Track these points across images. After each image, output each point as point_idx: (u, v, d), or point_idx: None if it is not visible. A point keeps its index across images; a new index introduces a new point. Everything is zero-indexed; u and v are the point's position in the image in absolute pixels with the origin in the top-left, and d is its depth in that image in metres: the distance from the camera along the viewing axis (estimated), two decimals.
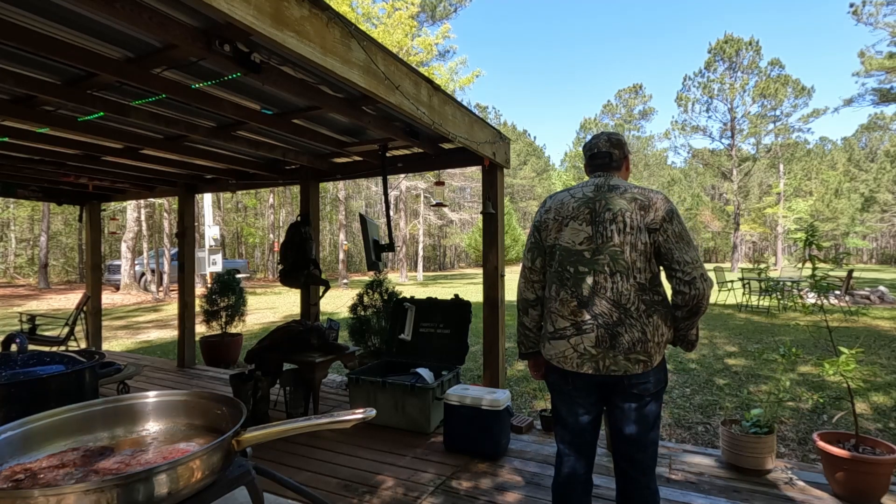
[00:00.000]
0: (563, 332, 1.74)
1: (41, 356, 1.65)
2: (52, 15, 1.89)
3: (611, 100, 49.16)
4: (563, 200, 1.82)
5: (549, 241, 1.80)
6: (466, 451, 3.11)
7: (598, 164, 1.91)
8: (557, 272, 1.76)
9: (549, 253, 1.81)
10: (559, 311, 1.75)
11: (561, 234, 1.78)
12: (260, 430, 0.98)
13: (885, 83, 26.95)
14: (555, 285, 1.76)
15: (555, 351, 1.77)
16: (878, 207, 39.48)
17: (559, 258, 1.76)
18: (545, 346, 1.82)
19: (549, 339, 1.79)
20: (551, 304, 1.78)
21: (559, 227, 1.78)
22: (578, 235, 1.74)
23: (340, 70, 2.06)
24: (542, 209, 1.88)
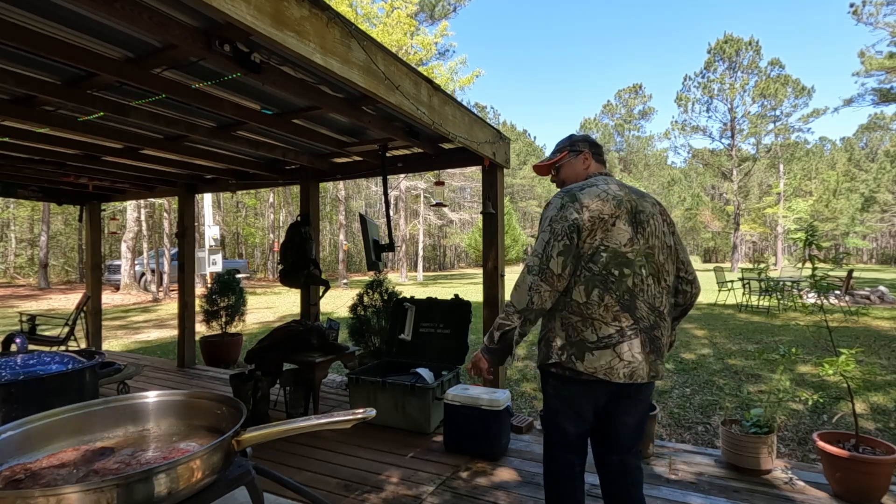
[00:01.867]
0: (607, 341, 1.61)
1: (41, 356, 1.65)
2: (52, 15, 1.89)
3: (610, 100, 49.23)
4: (601, 198, 1.67)
5: (594, 242, 1.63)
6: (466, 451, 3.11)
7: (603, 161, 1.90)
8: (601, 275, 1.61)
9: (590, 256, 1.62)
10: (602, 316, 1.61)
11: (608, 234, 1.63)
12: (260, 430, 0.98)
13: (885, 83, 26.96)
14: (597, 289, 1.61)
15: (599, 363, 1.61)
16: (878, 207, 39.50)
17: (605, 261, 1.62)
18: (584, 357, 1.62)
19: (592, 350, 1.62)
20: (591, 309, 1.61)
21: (605, 227, 1.63)
22: (623, 236, 1.65)
23: (340, 70, 2.06)
24: (572, 208, 1.65)
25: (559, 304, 1.67)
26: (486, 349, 1.72)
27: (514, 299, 1.65)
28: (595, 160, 1.87)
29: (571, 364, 1.64)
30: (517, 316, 1.64)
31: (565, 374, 1.68)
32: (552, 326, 1.71)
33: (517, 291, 1.64)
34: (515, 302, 1.64)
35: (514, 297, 1.65)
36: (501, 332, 1.66)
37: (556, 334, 1.68)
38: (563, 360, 1.65)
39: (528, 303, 1.62)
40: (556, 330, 1.68)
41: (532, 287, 1.61)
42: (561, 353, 1.66)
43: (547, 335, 1.73)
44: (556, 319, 1.68)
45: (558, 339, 1.67)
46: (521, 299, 1.63)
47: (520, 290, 1.64)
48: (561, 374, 1.69)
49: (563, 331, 1.66)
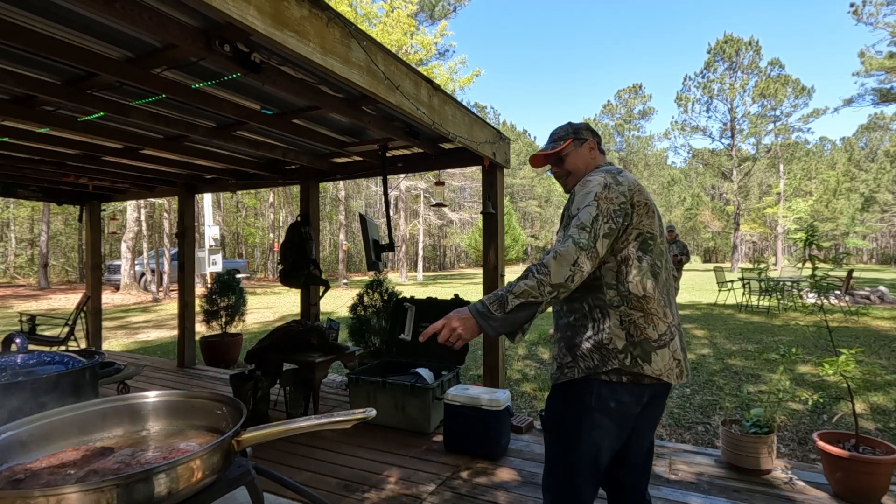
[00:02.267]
0: (664, 339, 1.47)
1: (41, 356, 1.65)
2: (52, 15, 1.89)
3: (610, 100, 49.26)
4: (637, 183, 1.54)
5: (642, 229, 1.49)
6: (466, 451, 3.11)
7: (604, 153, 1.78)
8: (652, 266, 1.48)
9: (640, 244, 1.48)
10: (657, 312, 1.47)
11: (652, 221, 1.51)
12: (260, 430, 0.98)
13: (885, 83, 26.98)
14: (650, 281, 1.47)
15: (663, 363, 1.46)
16: (878, 207, 39.51)
17: (655, 250, 1.50)
18: (650, 358, 1.45)
19: (656, 349, 1.45)
20: (651, 304, 1.46)
21: (649, 213, 1.51)
22: (657, 226, 1.54)
23: (340, 70, 2.06)
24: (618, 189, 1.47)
25: (612, 298, 1.47)
26: (482, 314, 1.35)
27: (551, 269, 1.33)
28: (598, 149, 1.74)
29: (637, 367, 1.43)
30: (550, 289, 1.33)
31: (622, 381, 1.45)
32: (604, 326, 1.46)
33: (558, 262, 1.34)
34: (554, 273, 1.33)
35: (552, 266, 1.34)
36: (524, 300, 1.33)
37: (614, 334, 1.45)
38: (628, 363, 1.43)
39: (567, 279, 1.34)
40: (614, 329, 1.45)
41: (578, 262, 1.35)
42: (624, 357, 1.44)
43: (595, 336, 1.47)
44: (609, 316, 1.46)
45: (617, 340, 1.44)
46: (561, 272, 1.34)
47: (562, 262, 1.34)
48: (616, 381, 1.45)
49: (622, 329, 1.45)
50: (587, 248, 1.37)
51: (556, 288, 1.34)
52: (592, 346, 1.47)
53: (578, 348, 1.49)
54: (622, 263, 1.47)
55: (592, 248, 1.38)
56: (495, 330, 1.36)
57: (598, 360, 1.46)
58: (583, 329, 1.49)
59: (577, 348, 1.50)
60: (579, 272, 1.35)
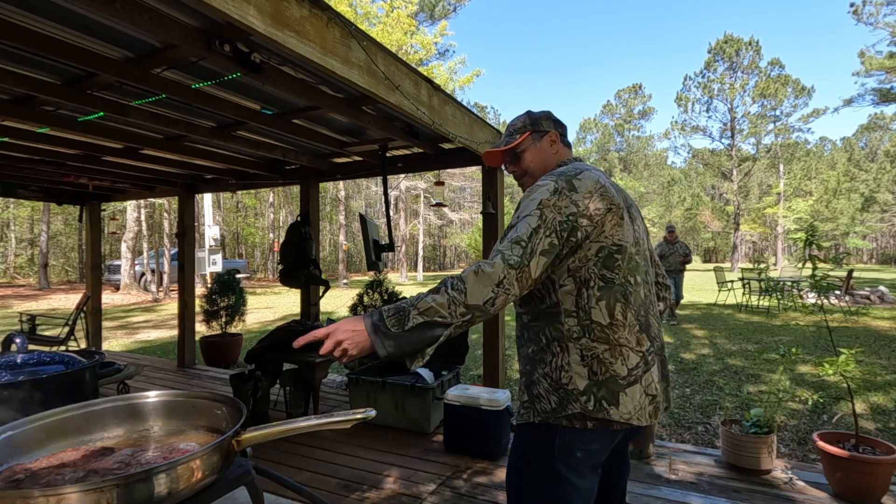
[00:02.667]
0: (635, 374, 1.23)
1: (41, 356, 1.65)
2: (52, 15, 1.89)
3: (610, 100, 49.25)
4: (602, 183, 1.27)
5: (606, 241, 1.23)
6: (466, 451, 3.11)
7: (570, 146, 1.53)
8: (622, 286, 1.24)
9: (603, 259, 1.23)
10: (628, 341, 1.23)
11: (621, 231, 1.25)
12: (260, 430, 0.98)
13: (885, 83, 26.99)
14: (619, 305, 1.23)
15: (633, 404, 1.21)
16: (878, 207, 39.51)
17: (623, 266, 1.25)
18: (619, 400, 1.20)
19: (625, 388, 1.21)
20: (618, 333, 1.22)
21: (615, 220, 1.25)
22: (630, 235, 1.28)
23: (340, 70, 2.06)
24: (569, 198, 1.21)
25: (571, 328, 1.23)
26: (376, 328, 1.10)
27: (469, 287, 1.10)
28: (562, 143, 1.48)
29: (603, 412, 1.19)
30: (463, 311, 1.09)
31: (587, 427, 1.21)
32: (563, 362, 1.23)
33: (479, 280, 1.10)
34: (471, 293, 1.10)
35: (470, 284, 1.10)
36: (428, 319, 1.09)
37: (574, 372, 1.22)
38: (591, 408, 1.20)
39: (486, 301, 1.10)
40: (573, 366, 1.22)
41: (503, 284, 1.11)
42: (587, 400, 1.20)
43: (551, 373, 1.25)
44: (569, 350, 1.23)
45: (578, 379, 1.21)
46: (480, 292, 1.10)
47: (484, 280, 1.11)
48: (580, 427, 1.21)
49: (584, 366, 1.21)
50: (518, 266, 1.13)
51: (470, 310, 1.10)
52: (550, 387, 1.24)
53: (535, 387, 1.27)
54: (582, 286, 1.23)
55: (524, 268, 1.14)
56: (388, 350, 1.10)
57: (555, 404, 1.23)
58: (541, 364, 1.27)
59: (534, 387, 1.28)
60: (503, 295, 1.12)
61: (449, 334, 1.11)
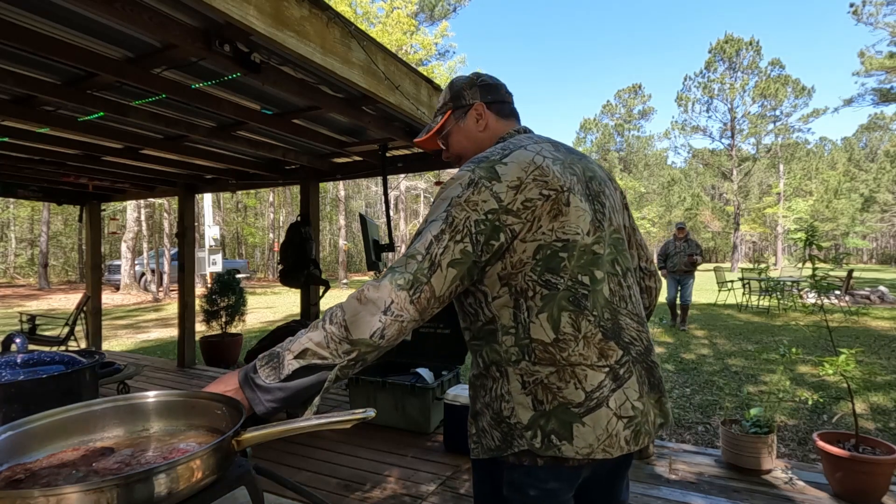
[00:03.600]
0: (597, 396, 0.96)
1: (41, 356, 1.65)
2: (52, 15, 1.89)
3: (610, 100, 49.22)
4: (537, 163, 1.00)
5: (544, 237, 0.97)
6: (466, 451, 3.09)
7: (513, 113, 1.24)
8: (569, 290, 0.98)
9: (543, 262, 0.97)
10: (584, 357, 0.97)
11: (564, 220, 0.98)
12: (260, 430, 0.98)
13: (885, 83, 27.00)
14: (566, 314, 0.97)
15: (596, 434, 0.95)
16: (878, 207, 39.53)
17: (569, 265, 0.98)
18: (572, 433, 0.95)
19: (581, 417, 0.95)
20: (567, 349, 0.96)
21: (556, 208, 0.98)
22: (583, 220, 1.01)
23: (340, 70, 2.06)
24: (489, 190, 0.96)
25: (509, 349, 0.99)
26: (249, 382, 0.91)
27: (349, 318, 0.88)
28: (496, 113, 1.18)
29: (553, 449, 0.94)
30: (348, 347, 0.88)
31: (537, 465, 0.97)
32: (503, 391, 1.00)
33: (364, 307, 0.89)
34: (353, 324, 0.88)
35: (349, 315, 0.88)
36: (305, 364, 0.88)
37: (516, 402, 0.98)
38: (538, 445, 0.95)
39: (374, 333, 0.88)
40: (514, 395, 0.98)
41: (391, 309, 0.88)
42: (532, 436, 0.96)
43: (492, 404, 1.02)
44: (508, 377, 0.99)
45: (521, 411, 0.97)
46: (365, 323, 0.88)
47: (368, 308, 0.88)
48: (530, 465, 0.98)
49: (526, 395, 0.97)
50: (411, 286, 0.90)
51: (356, 346, 0.88)
52: (492, 420, 1.01)
53: (480, 418, 1.05)
54: (520, 296, 0.98)
55: (420, 287, 0.90)
56: (266, 407, 0.90)
57: (499, 440, 1.00)
58: (482, 392, 1.05)
59: (479, 418, 1.06)
60: (395, 324, 0.88)
61: (336, 377, 0.90)
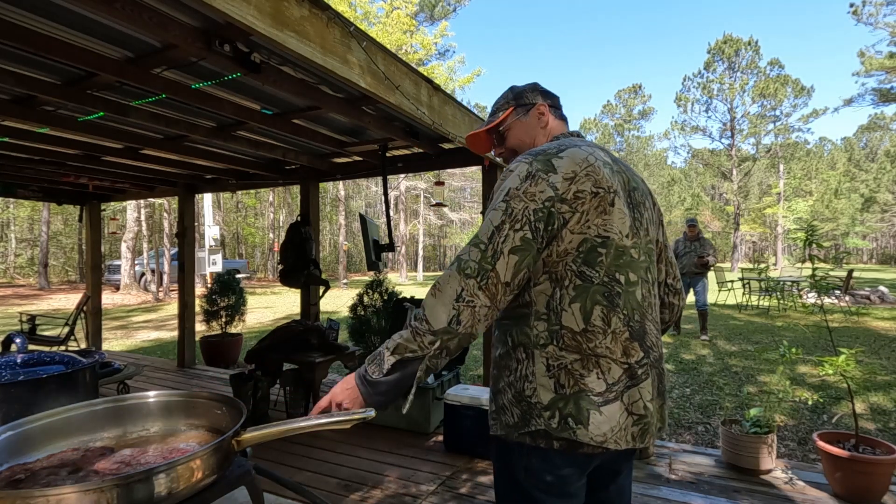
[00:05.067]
0: (616, 389, 1.04)
1: (41, 356, 1.65)
2: (52, 15, 1.89)
3: (610, 100, 49.22)
4: (590, 163, 1.07)
5: (587, 231, 1.04)
6: (466, 451, 3.10)
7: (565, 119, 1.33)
8: (604, 285, 1.04)
9: (583, 254, 1.04)
10: (609, 351, 1.04)
11: (607, 219, 1.05)
12: (260, 430, 0.98)
13: (885, 83, 26.99)
14: (599, 308, 1.04)
15: (610, 424, 1.02)
16: (878, 207, 39.53)
17: (606, 261, 1.05)
18: (588, 419, 1.01)
19: (599, 406, 1.02)
20: (595, 340, 1.03)
21: (602, 207, 1.05)
22: (624, 224, 1.07)
23: (340, 70, 2.06)
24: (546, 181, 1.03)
25: (539, 333, 1.06)
26: (363, 380, 1.02)
27: (428, 312, 0.99)
28: (554, 115, 1.29)
29: (568, 431, 1.01)
30: (431, 338, 0.98)
31: (553, 448, 1.04)
32: (528, 371, 1.06)
33: (437, 300, 0.99)
34: (432, 317, 0.98)
35: (429, 307, 0.99)
36: (399, 357, 0.99)
37: (538, 383, 1.05)
38: (555, 426, 1.02)
39: (451, 321, 0.97)
40: (538, 377, 1.05)
41: (462, 296, 0.97)
42: (550, 416, 1.03)
43: (515, 383, 1.08)
44: (533, 359, 1.06)
45: (543, 392, 1.04)
46: (441, 313, 0.98)
47: (441, 300, 0.98)
48: (546, 447, 1.04)
49: (549, 377, 1.04)
50: (477, 273, 0.98)
51: (438, 336, 0.97)
52: (513, 398, 1.09)
53: (501, 396, 1.12)
54: (557, 285, 1.05)
55: (487, 274, 0.98)
56: (376, 399, 1.01)
57: (518, 417, 1.07)
58: (506, 371, 1.12)
59: (499, 395, 1.13)
60: (468, 309, 0.97)
61: (427, 367, 1.00)
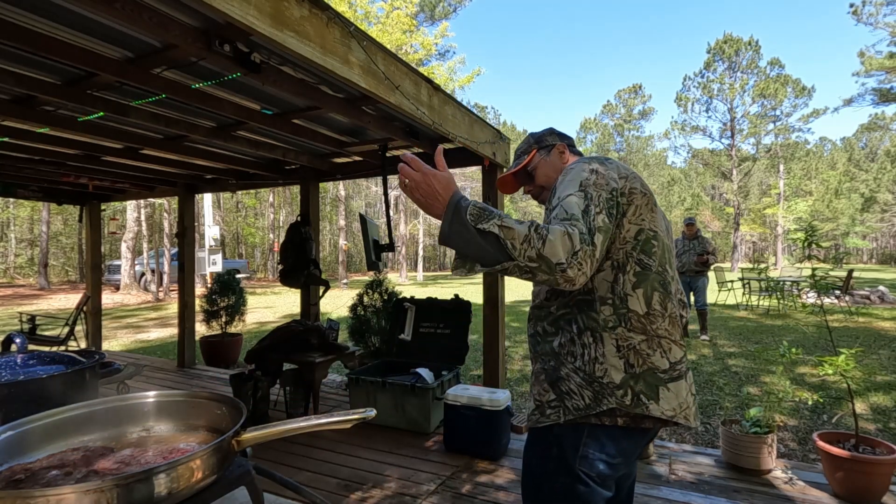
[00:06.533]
0: (680, 368, 1.17)
1: (41, 356, 1.65)
2: (52, 15, 1.89)
3: (610, 100, 49.24)
4: (630, 170, 1.23)
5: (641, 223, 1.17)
6: (466, 451, 3.10)
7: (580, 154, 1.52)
8: (659, 273, 1.17)
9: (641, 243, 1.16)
10: (671, 333, 1.17)
11: (654, 216, 1.20)
12: (260, 430, 0.98)
13: (885, 83, 26.98)
14: (657, 294, 1.16)
15: (678, 400, 1.14)
16: (878, 207, 39.54)
17: (659, 252, 1.18)
18: (658, 394, 1.12)
19: (667, 382, 1.14)
20: (657, 323, 1.15)
21: (650, 205, 1.19)
22: (662, 224, 1.24)
23: (340, 70, 2.06)
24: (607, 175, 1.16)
25: (607, 317, 1.14)
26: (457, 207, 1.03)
27: (549, 240, 0.99)
28: (571, 152, 1.46)
29: (640, 407, 1.11)
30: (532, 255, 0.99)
31: (620, 425, 1.13)
32: (598, 353, 1.14)
33: (561, 241, 1.00)
34: (549, 246, 0.99)
35: (551, 238, 1.00)
36: (500, 235, 1.00)
37: (609, 364, 1.13)
38: (629, 402, 1.11)
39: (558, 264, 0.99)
40: (608, 358, 1.13)
41: (578, 255, 1.00)
42: (623, 393, 1.11)
43: (583, 367, 1.15)
44: (603, 341, 1.14)
45: (614, 372, 1.12)
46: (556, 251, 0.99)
47: (565, 243, 1.00)
48: (613, 424, 1.13)
49: (619, 358, 1.13)
50: (590, 243, 1.03)
51: (539, 261, 0.98)
52: (583, 381, 1.14)
53: (565, 383, 1.17)
54: (619, 271, 1.15)
55: (595, 247, 1.04)
56: (447, 229, 1.03)
57: (590, 399, 1.13)
58: (570, 358, 1.17)
59: (562, 382, 1.17)
60: (574, 270, 1.00)
61: (505, 269, 1.02)
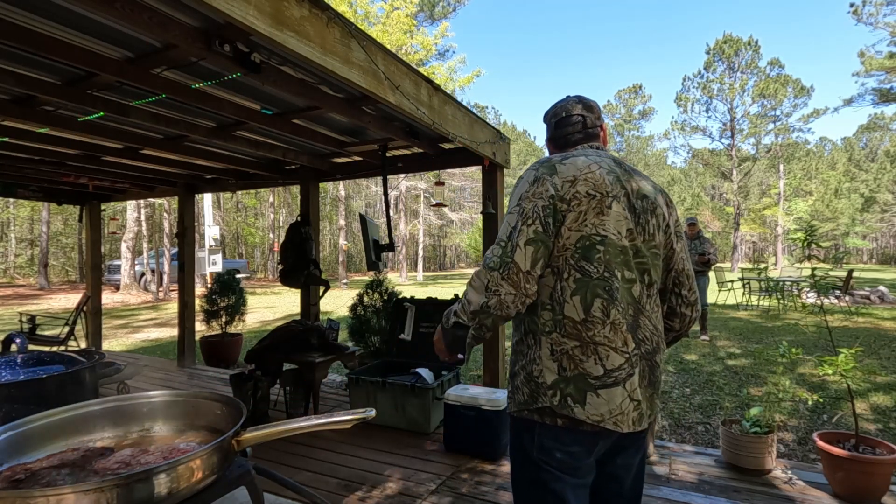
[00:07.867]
0: (618, 375, 1.18)
1: (41, 356, 1.65)
2: (52, 15, 1.89)
3: (610, 100, 49.19)
4: (591, 169, 1.23)
5: (585, 229, 1.19)
6: (466, 451, 3.10)
7: (592, 135, 1.43)
8: (603, 279, 1.18)
9: (581, 250, 1.18)
10: (611, 340, 1.18)
11: (604, 219, 1.20)
12: (260, 430, 0.98)
13: (885, 83, 26.98)
14: (598, 300, 1.18)
15: (609, 407, 1.17)
16: (878, 207, 39.54)
17: (604, 258, 1.19)
18: (585, 399, 1.17)
19: (597, 389, 1.17)
20: (594, 329, 1.17)
21: (599, 208, 1.20)
22: (622, 225, 1.22)
23: (340, 70, 2.06)
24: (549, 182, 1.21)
25: (545, 322, 1.21)
26: (443, 325, 1.31)
27: (468, 296, 1.22)
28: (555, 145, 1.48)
29: (567, 409, 1.17)
30: (471, 315, 1.22)
31: (557, 424, 1.20)
32: (536, 354, 1.23)
33: (472, 288, 1.20)
34: (470, 299, 1.21)
35: (469, 292, 1.22)
36: (457, 320, 1.26)
37: (544, 366, 1.21)
38: (556, 403, 1.18)
39: (482, 305, 1.19)
40: (544, 360, 1.21)
41: (489, 287, 1.17)
42: (553, 394, 1.19)
43: (526, 366, 1.25)
44: (541, 344, 1.22)
45: (548, 374, 1.20)
46: (475, 298, 1.20)
47: (476, 287, 1.20)
48: (551, 423, 1.21)
49: (553, 361, 1.20)
50: (500, 266, 1.17)
51: (476, 315, 1.21)
52: (525, 379, 1.25)
53: (516, 377, 1.29)
54: (558, 278, 1.20)
55: (508, 266, 1.16)
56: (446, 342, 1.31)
57: (527, 395, 1.24)
58: (519, 356, 1.29)
59: (515, 378, 1.30)
60: (495, 297, 1.17)
61: (473, 335, 1.26)
